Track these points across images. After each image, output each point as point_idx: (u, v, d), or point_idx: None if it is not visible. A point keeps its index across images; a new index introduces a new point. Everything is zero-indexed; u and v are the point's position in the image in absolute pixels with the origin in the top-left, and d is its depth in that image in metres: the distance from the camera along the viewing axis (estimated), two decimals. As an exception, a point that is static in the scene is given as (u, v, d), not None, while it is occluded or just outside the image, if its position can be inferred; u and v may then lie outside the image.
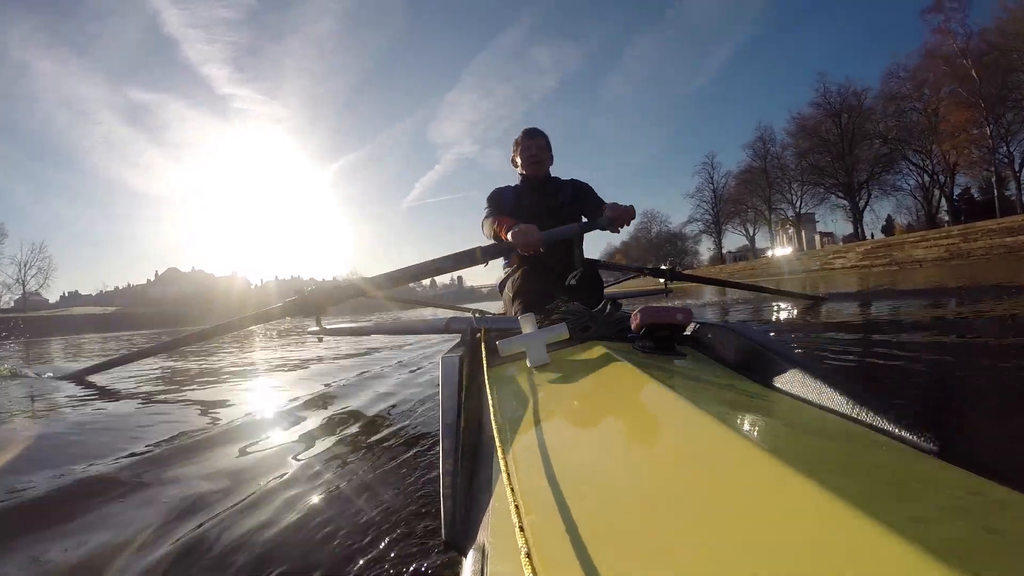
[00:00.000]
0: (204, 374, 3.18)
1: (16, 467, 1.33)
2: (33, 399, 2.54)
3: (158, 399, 2.48)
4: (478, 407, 0.76)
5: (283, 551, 0.76)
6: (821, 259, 24.28)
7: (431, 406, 1.71)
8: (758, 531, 0.30)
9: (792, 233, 36.12)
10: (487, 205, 2.00)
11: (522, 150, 2.02)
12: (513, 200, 2.00)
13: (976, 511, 0.31)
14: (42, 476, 1.18)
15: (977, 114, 23.55)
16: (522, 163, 2.02)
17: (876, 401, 0.51)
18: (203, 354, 4.85)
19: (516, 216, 1.90)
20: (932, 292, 4.61)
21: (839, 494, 0.30)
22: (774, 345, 0.74)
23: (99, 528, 0.90)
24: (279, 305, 1.80)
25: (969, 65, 23.39)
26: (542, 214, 1.88)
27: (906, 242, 20.14)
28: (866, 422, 0.50)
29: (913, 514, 0.29)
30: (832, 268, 22.58)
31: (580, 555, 0.32)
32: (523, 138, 2.04)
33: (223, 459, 1.30)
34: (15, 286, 38.59)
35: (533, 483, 0.44)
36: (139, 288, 63.64)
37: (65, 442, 1.60)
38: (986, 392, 1.22)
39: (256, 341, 6.30)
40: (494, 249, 1.66)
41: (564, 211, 1.97)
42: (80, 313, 33.94)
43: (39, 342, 11.30)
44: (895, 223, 33.46)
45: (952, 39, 24.33)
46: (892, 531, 0.26)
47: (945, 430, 0.52)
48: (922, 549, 0.25)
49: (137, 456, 1.44)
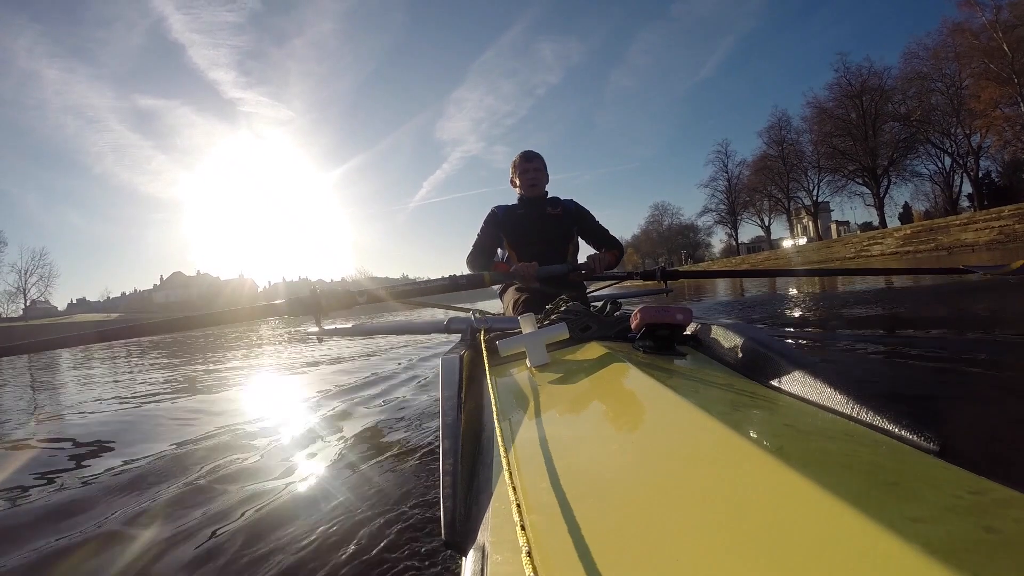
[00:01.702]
0: (213, 376, 3.18)
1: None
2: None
3: (165, 404, 2.48)
4: (478, 407, 0.76)
5: (284, 551, 0.76)
6: (856, 246, 22.67)
7: (431, 406, 1.71)
8: (758, 531, 0.30)
9: (807, 223, 35.21)
10: (480, 231, 2.14)
11: (520, 173, 2.14)
12: (510, 219, 2.13)
13: (976, 511, 0.31)
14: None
15: (1012, 90, 21.73)
16: (520, 184, 2.14)
17: (876, 401, 0.51)
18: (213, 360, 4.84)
19: (513, 233, 2.11)
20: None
21: (839, 494, 0.30)
22: (774, 345, 0.74)
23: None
24: (281, 302, 1.79)
25: (1000, 38, 21.63)
26: (537, 231, 2.08)
27: (951, 225, 18.46)
28: (866, 422, 0.50)
29: (913, 514, 0.29)
30: (870, 255, 20.98)
31: (581, 554, 0.32)
32: (521, 161, 2.16)
33: (223, 459, 1.30)
34: (16, 294, 38.43)
35: (534, 483, 0.44)
36: (146, 294, 63.44)
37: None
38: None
39: (264, 342, 6.30)
40: (500, 277, 1.86)
41: (561, 225, 2.14)
42: (83, 320, 33.75)
43: (43, 352, 11.16)
44: (913, 210, 32.44)
45: (980, 11, 22.51)
46: (892, 531, 0.26)
47: None
48: (922, 549, 0.25)
49: (139, 461, 1.43)
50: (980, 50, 22.64)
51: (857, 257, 21.48)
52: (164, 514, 0.95)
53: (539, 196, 2.15)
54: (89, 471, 1.30)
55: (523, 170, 2.13)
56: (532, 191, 2.13)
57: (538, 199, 2.15)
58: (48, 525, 0.95)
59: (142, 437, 1.67)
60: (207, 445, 1.46)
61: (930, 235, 19.04)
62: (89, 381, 3.83)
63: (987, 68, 22.56)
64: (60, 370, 5.06)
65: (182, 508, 0.97)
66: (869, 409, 0.51)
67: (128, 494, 1.08)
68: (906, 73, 26.72)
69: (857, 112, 28.68)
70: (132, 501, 1.04)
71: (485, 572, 0.37)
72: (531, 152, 2.20)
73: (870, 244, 21.87)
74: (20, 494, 1.16)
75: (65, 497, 1.10)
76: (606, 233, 2.25)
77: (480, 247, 2.12)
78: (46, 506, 1.05)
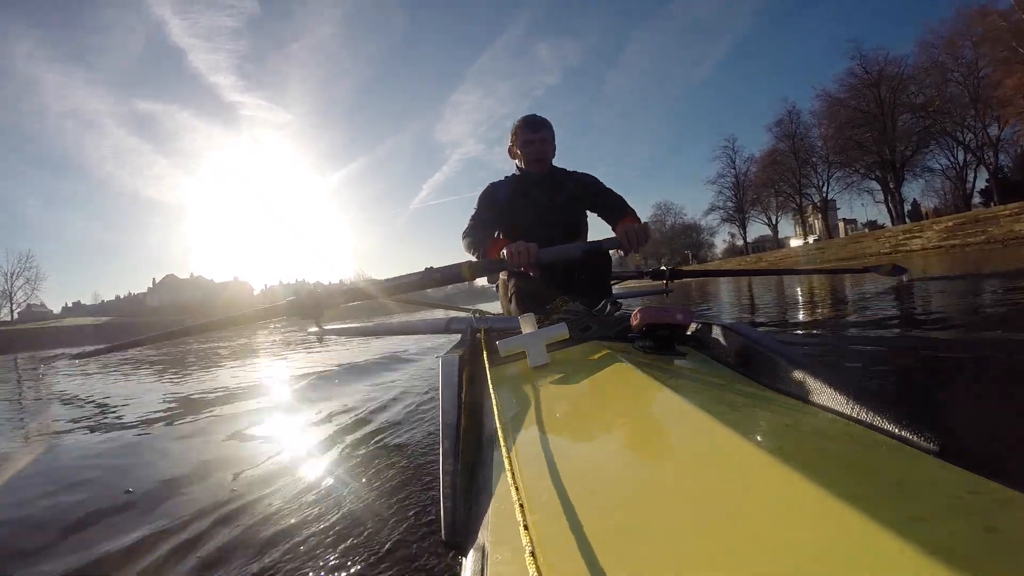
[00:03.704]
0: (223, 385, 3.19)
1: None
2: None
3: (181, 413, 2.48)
4: (478, 407, 0.76)
5: (283, 552, 0.76)
6: (889, 241, 21.01)
7: (431, 406, 1.71)
8: (759, 530, 0.30)
9: (812, 221, 34.42)
10: (476, 207, 1.80)
11: (522, 143, 1.76)
12: (509, 199, 1.78)
13: (976, 511, 0.31)
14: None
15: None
16: (523, 157, 1.76)
17: (876, 401, 0.51)
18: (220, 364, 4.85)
19: (511, 216, 1.74)
20: None
21: (839, 494, 0.30)
22: (774, 345, 0.74)
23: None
24: (280, 304, 1.80)
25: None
26: (540, 214, 1.71)
27: (1000, 215, 16.95)
28: (866, 422, 0.50)
29: (913, 514, 0.29)
30: (908, 250, 19.04)
31: (583, 553, 0.32)
32: (523, 129, 1.76)
33: (223, 459, 1.30)
34: (2, 297, 37.94)
35: (535, 482, 0.44)
36: (139, 296, 63.37)
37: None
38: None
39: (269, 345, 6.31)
40: (483, 267, 1.50)
41: (566, 210, 1.75)
42: (73, 324, 33.45)
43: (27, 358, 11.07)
44: (922, 207, 31.54)
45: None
46: (892, 531, 0.26)
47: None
48: (922, 549, 0.25)
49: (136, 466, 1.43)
50: (1008, 32, 21.23)
51: (894, 252, 19.50)
52: (162, 514, 0.95)
53: (545, 172, 1.77)
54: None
55: (526, 140, 1.75)
56: (537, 166, 1.75)
57: (543, 176, 1.77)
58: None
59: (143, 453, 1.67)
60: (207, 445, 1.46)
61: (977, 227, 17.45)
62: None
63: (1015, 52, 21.04)
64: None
65: (180, 508, 0.97)
66: (869, 409, 0.51)
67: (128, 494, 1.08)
68: (922, 62, 25.68)
69: (875, 102, 27.39)
70: (132, 500, 1.04)
71: (485, 572, 0.37)
72: (536, 118, 1.78)
73: (907, 238, 20.09)
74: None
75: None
76: (622, 201, 1.79)
77: (480, 219, 1.76)
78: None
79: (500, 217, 1.77)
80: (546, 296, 1.40)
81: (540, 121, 1.76)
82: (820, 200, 32.50)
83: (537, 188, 1.76)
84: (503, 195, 1.79)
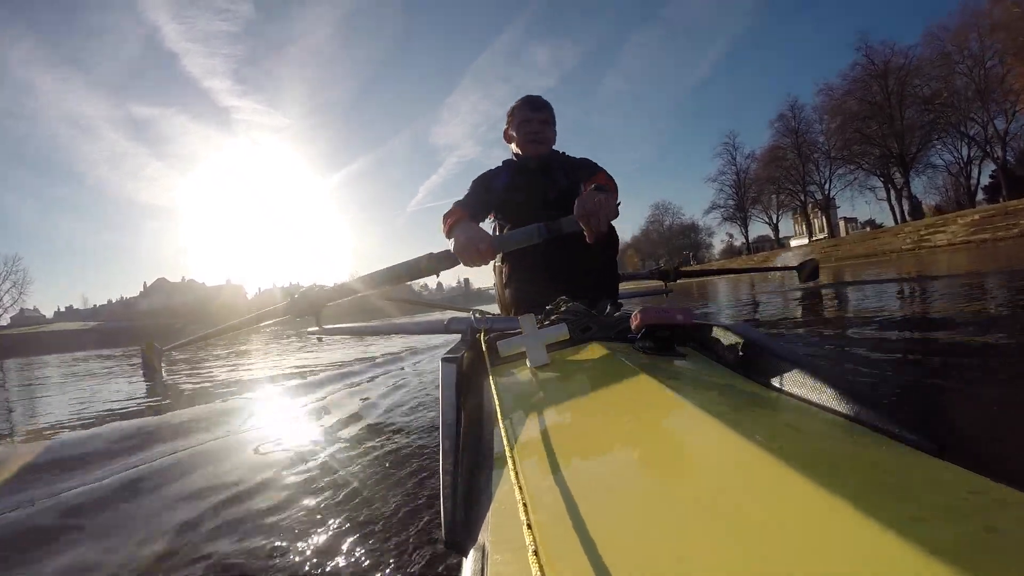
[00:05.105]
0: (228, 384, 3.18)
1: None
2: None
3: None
4: (478, 407, 0.76)
5: (281, 552, 0.76)
6: (911, 236, 19.92)
7: (431, 406, 1.71)
8: (759, 530, 0.30)
9: (813, 219, 34.19)
10: (467, 192, 1.66)
11: (519, 124, 1.63)
12: (503, 186, 1.65)
13: (976, 511, 0.31)
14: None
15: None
16: (518, 140, 1.63)
17: (876, 401, 0.51)
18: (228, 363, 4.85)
19: (504, 209, 1.61)
20: None
21: (839, 494, 0.30)
22: (774, 345, 0.74)
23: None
24: (280, 305, 1.82)
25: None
26: (536, 204, 1.57)
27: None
28: (866, 422, 0.50)
29: (913, 514, 0.29)
30: (934, 246, 17.74)
31: (586, 553, 0.32)
32: (523, 107, 1.63)
33: (226, 460, 1.30)
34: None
35: (537, 482, 0.44)
36: (131, 300, 63.30)
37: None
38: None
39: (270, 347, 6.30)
40: (444, 258, 1.34)
41: (567, 199, 1.64)
42: (64, 329, 33.20)
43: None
44: (923, 205, 31.15)
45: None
46: (892, 531, 0.26)
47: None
48: (922, 549, 0.25)
49: (140, 466, 1.43)
50: (1022, 19, 20.67)
51: (917, 248, 18.42)
52: (160, 512, 0.95)
53: (543, 156, 1.63)
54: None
55: (523, 119, 1.62)
56: (533, 148, 1.62)
57: (541, 161, 1.63)
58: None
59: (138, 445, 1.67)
60: (206, 446, 1.46)
61: (1008, 219, 16.34)
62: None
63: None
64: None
65: (178, 507, 0.97)
66: (869, 409, 0.51)
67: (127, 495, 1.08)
68: (929, 54, 25.40)
69: (882, 93, 27.07)
70: (132, 500, 1.04)
71: (485, 572, 0.37)
72: (537, 99, 1.64)
73: (930, 233, 18.97)
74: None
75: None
76: (594, 168, 1.63)
77: (465, 203, 1.59)
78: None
79: (489, 208, 1.67)
80: (546, 296, 1.38)
81: (541, 102, 1.64)
82: (822, 197, 32.25)
83: (533, 174, 1.64)
84: (495, 186, 1.67)
